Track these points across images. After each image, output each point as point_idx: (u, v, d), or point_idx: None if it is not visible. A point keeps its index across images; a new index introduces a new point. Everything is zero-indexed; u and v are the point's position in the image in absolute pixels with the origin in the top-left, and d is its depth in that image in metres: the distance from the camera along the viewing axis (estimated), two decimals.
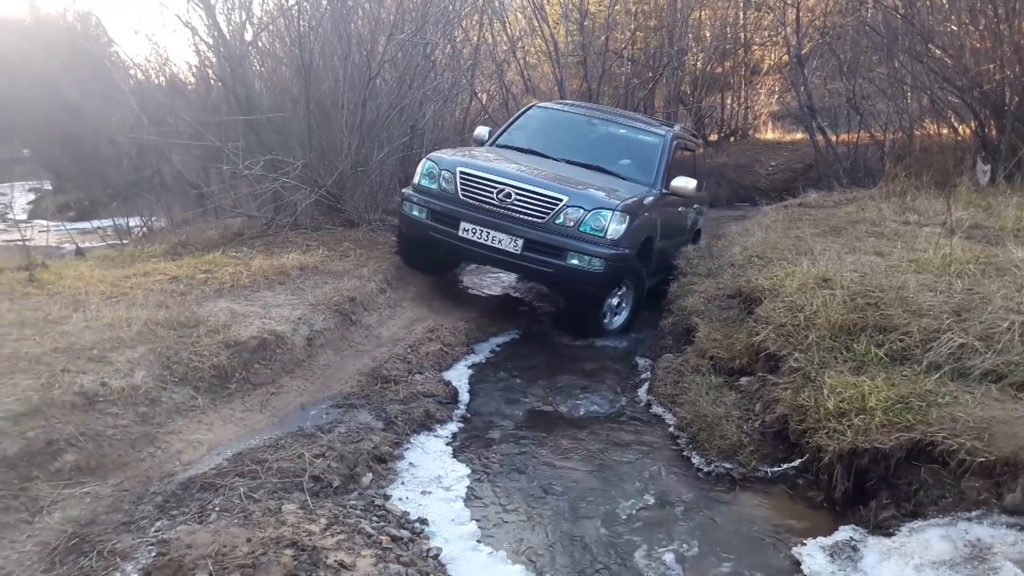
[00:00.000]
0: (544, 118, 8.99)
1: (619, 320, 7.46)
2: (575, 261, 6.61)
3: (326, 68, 9.69)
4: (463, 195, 6.88)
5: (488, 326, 7.49)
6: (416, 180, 7.30)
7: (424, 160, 7.36)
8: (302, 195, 8.99)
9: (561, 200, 6.64)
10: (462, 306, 7.87)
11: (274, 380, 5.18)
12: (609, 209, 6.68)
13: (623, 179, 7.72)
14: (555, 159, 7.86)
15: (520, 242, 6.65)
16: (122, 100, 12.69)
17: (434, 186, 7.08)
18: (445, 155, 7.37)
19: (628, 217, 6.78)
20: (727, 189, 17.07)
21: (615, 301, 7.36)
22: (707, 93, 19.57)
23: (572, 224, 6.63)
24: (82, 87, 18.15)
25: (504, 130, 8.79)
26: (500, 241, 6.68)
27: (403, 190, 7.56)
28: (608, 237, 6.65)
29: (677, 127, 9.33)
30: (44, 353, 4.36)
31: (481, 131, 8.70)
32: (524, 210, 6.68)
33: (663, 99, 18.84)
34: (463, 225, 6.80)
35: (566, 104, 9.76)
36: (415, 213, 7.14)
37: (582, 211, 6.64)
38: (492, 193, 6.76)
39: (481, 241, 6.74)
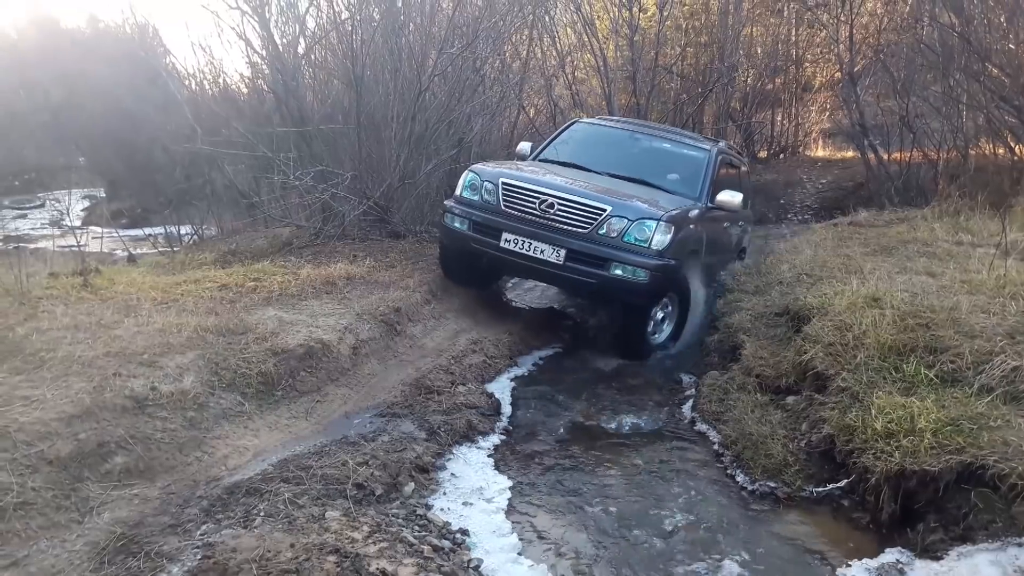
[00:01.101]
0: (587, 133, 8.94)
1: (664, 335, 7.34)
2: (619, 271, 6.51)
3: (377, 82, 9.79)
4: (505, 206, 6.85)
5: (531, 339, 7.49)
6: (458, 192, 7.29)
7: (466, 172, 7.35)
8: (350, 206, 9.08)
9: (605, 210, 6.56)
10: (506, 319, 7.87)
11: (319, 388, 5.23)
12: (654, 219, 6.57)
13: (668, 192, 7.62)
14: (598, 172, 7.79)
15: (563, 252, 6.57)
16: (176, 110, 12.94)
17: (476, 197, 7.07)
18: (487, 167, 7.36)
19: (673, 228, 6.66)
20: (776, 206, 16.82)
21: (660, 315, 7.25)
22: (757, 110, 19.48)
23: (616, 234, 6.54)
24: (138, 97, 18.48)
25: (546, 145, 8.75)
26: (542, 252, 6.62)
27: (445, 202, 7.56)
28: (653, 247, 6.54)
29: (722, 143, 9.22)
30: (96, 357, 4.44)
31: (523, 146, 8.66)
32: (567, 220, 6.61)
33: (712, 115, 18.74)
34: (505, 236, 6.75)
35: (609, 119, 9.69)
36: (456, 224, 7.13)
37: (626, 221, 6.55)
38: (535, 203, 6.71)
39: (523, 251, 6.69)
